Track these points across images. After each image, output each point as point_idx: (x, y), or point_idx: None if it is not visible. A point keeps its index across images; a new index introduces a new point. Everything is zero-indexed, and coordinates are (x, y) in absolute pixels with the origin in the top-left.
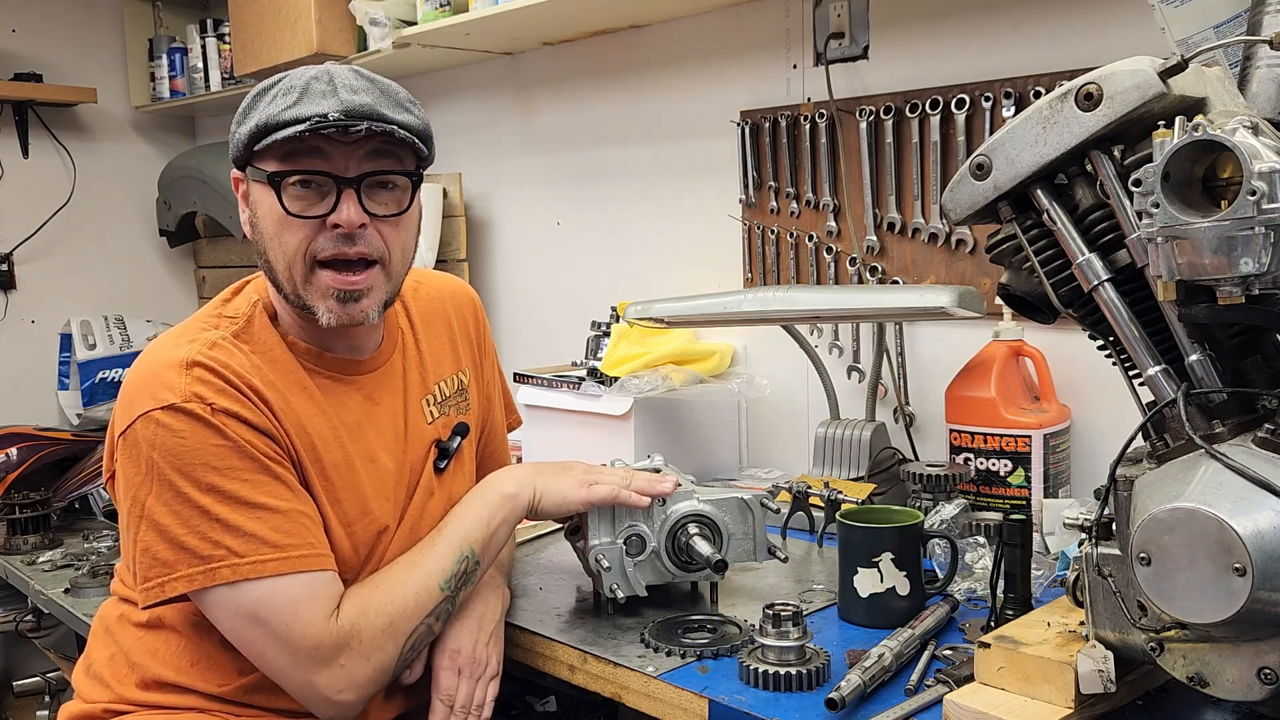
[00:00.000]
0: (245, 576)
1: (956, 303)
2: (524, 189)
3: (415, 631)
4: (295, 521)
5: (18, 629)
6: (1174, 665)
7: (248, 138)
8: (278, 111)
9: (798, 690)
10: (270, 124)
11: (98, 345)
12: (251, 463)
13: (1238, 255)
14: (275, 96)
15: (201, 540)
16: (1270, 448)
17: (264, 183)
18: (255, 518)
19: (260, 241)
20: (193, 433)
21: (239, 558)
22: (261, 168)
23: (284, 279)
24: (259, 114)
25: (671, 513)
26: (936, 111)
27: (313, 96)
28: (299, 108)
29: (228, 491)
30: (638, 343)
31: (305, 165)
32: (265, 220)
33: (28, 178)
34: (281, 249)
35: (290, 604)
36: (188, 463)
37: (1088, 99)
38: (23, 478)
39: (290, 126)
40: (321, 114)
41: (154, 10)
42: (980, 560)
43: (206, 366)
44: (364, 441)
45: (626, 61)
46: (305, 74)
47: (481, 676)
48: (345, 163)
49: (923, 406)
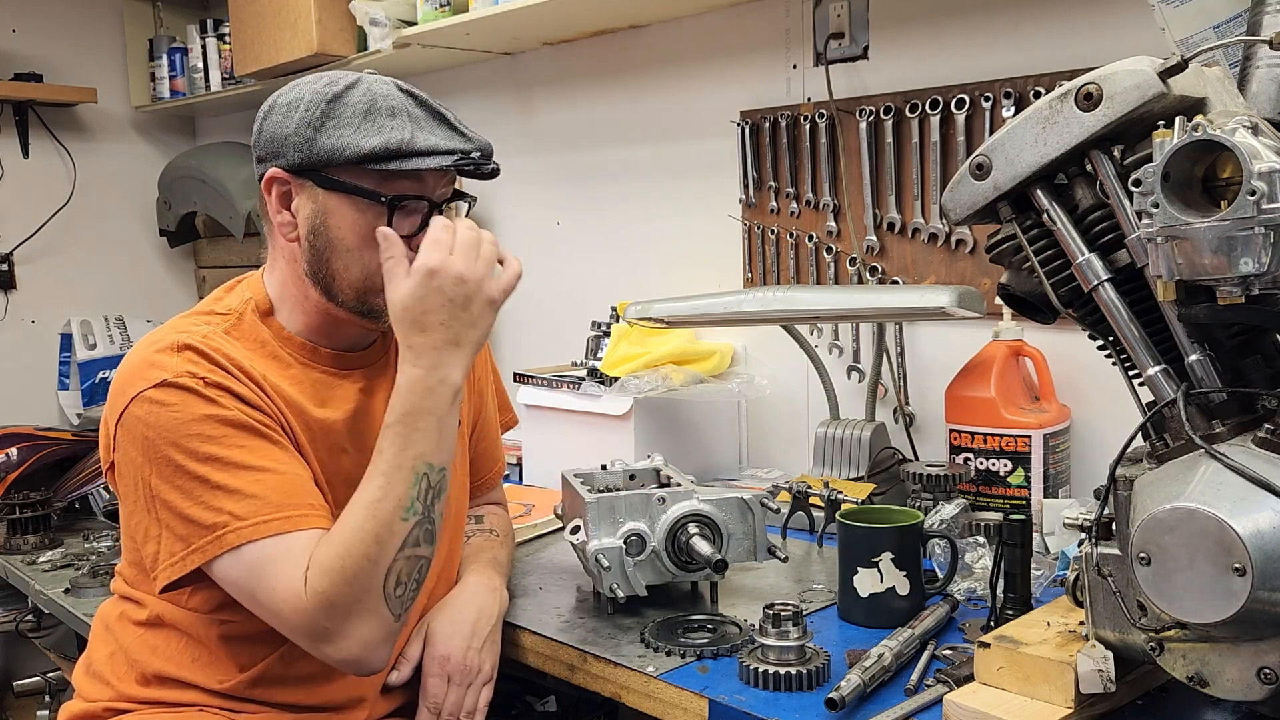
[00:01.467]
0: (249, 539)
1: (956, 303)
2: (524, 189)
3: (394, 570)
4: (292, 482)
5: (18, 629)
6: (1174, 665)
7: (359, 156)
8: (406, 138)
9: (798, 690)
10: (403, 150)
11: (98, 345)
12: (245, 430)
13: (1237, 255)
14: (374, 116)
15: (205, 509)
16: (1270, 448)
17: (356, 196)
18: (255, 479)
19: (322, 248)
20: (184, 404)
21: (241, 520)
22: (358, 183)
23: (351, 286)
24: (370, 134)
25: (671, 513)
26: (936, 111)
27: (423, 125)
28: (424, 137)
29: (224, 458)
30: (638, 343)
31: (412, 190)
32: (347, 232)
33: (28, 178)
34: (362, 261)
35: (295, 561)
36: (182, 434)
37: (1088, 99)
38: (23, 478)
39: (429, 157)
40: (464, 151)
41: (154, 10)
42: (980, 560)
43: (196, 349)
44: (357, 432)
45: (626, 61)
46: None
47: (472, 683)
48: (434, 187)
49: (923, 406)
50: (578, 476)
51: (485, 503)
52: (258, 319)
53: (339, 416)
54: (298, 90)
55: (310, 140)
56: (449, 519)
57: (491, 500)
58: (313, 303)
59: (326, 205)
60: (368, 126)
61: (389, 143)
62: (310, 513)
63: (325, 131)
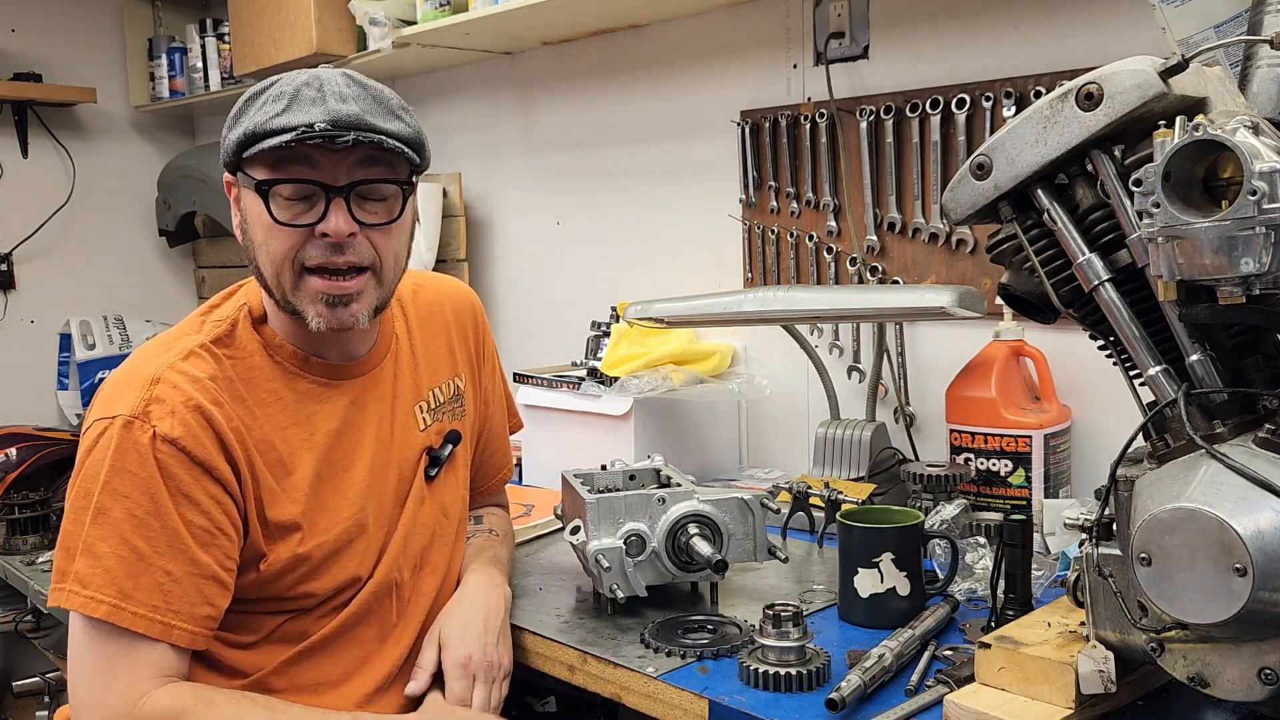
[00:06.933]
0: (76, 609)
1: (957, 303)
2: (524, 189)
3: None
4: (162, 576)
5: (17, 629)
6: (1174, 666)
7: (236, 144)
8: (266, 119)
9: (798, 691)
10: (258, 132)
11: (97, 345)
12: (154, 505)
13: (1238, 255)
14: (265, 102)
15: (66, 554)
16: (1271, 448)
17: (252, 189)
18: (119, 555)
19: (250, 247)
20: (120, 450)
21: (82, 586)
22: (250, 174)
23: (273, 284)
24: (248, 120)
25: (671, 513)
26: (937, 111)
27: (301, 104)
28: (287, 115)
29: (112, 515)
30: (638, 343)
31: (294, 174)
32: (254, 226)
33: (27, 177)
34: (269, 255)
35: (109, 661)
36: (100, 473)
37: (1088, 99)
38: (22, 478)
39: (277, 135)
40: (308, 124)
41: (153, 10)
42: (981, 560)
43: (169, 383)
44: (340, 449)
45: (626, 61)
46: (296, 79)
47: (496, 679)
48: (334, 171)
49: (923, 406)
50: (578, 477)
51: (487, 504)
52: (250, 326)
53: (321, 439)
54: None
55: (224, 137)
56: (449, 527)
57: (493, 503)
58: (276, 307)
59: (244, 201)
60: (251, 115)
61: (249, 125)
62: (156, 617)
63: (233, 127)
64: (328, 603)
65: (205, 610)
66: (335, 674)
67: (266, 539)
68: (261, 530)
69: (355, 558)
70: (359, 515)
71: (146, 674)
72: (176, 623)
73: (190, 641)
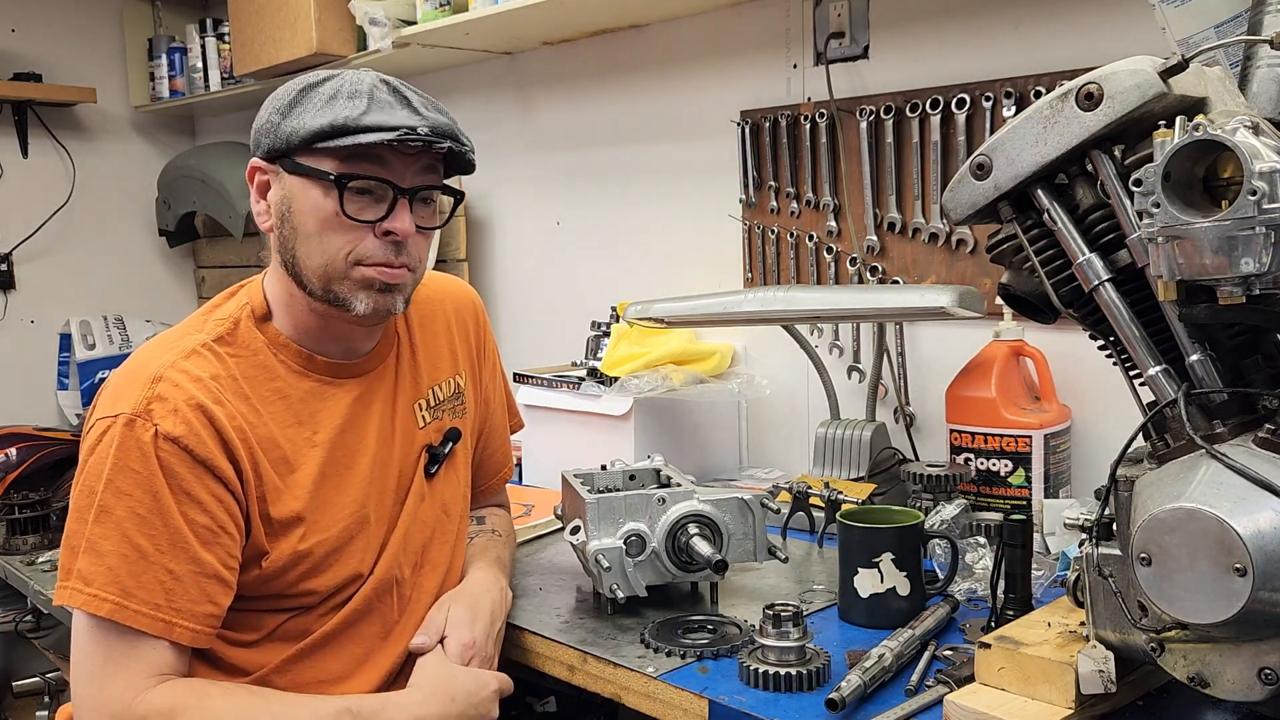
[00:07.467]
0: (79, 607)
1: (957, 303)
2: (524, 189)
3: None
4: (165, 574)
5: (17, 629)
6: (1174, 666)
7: (310, 134)
8: (355, 115)
9: (798, 691)
10: (349, 126)
11: (97, 345)
12: (156, 504)
13: (1238, 255)
14: (336, 99)
15: (70, 552)
16: (1271, 448)
17: (315, 180)
18: (121, 554)
19: (289, 235)
20: (123, 448)
21: (85, 584)
22: (316, 166)
23: (315, 274)
24: (323, 113)
25: (671, 513)
26: (937, 111)
27: (381, 105)
28: (375, 115)
29: (114, 513)
30: (638, 343)
31: (367, 170)
32: (306, 217)
33: (27, 177)
34: (321, 247)
35: (110, 659)
36: (103, 472)
37: (1088, 99)
38: (22, 478)
39: (373, 133)
40: (410, 127)
41: (153, 10)
42: (981, 560)
43: (171, 382)
44: (344, 447)
45: (626, 61)
46: (358, 79)
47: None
48: (403, 173)
49: (923, 406)
50: (578, 477)
51: (488, 505)
52: (253, 325)
53: (325, 436)
54: (284, 84)
55: (276, 126)
56: (450, 524)
57: (494, 503)
58: (300, 301)
59: (291, 190)
60: (326, 109)
61: (335, 119)
62: (157, 616)
63: (290, 116)
64: (329, 600)
65: (208, 609)
66: (337, 671)
67: (269, 536)
68: (264, 528)
69: (356, 554)
70: (361, 511)
71: (146, 672)
72: (179, 621)
73: (192, 640)
